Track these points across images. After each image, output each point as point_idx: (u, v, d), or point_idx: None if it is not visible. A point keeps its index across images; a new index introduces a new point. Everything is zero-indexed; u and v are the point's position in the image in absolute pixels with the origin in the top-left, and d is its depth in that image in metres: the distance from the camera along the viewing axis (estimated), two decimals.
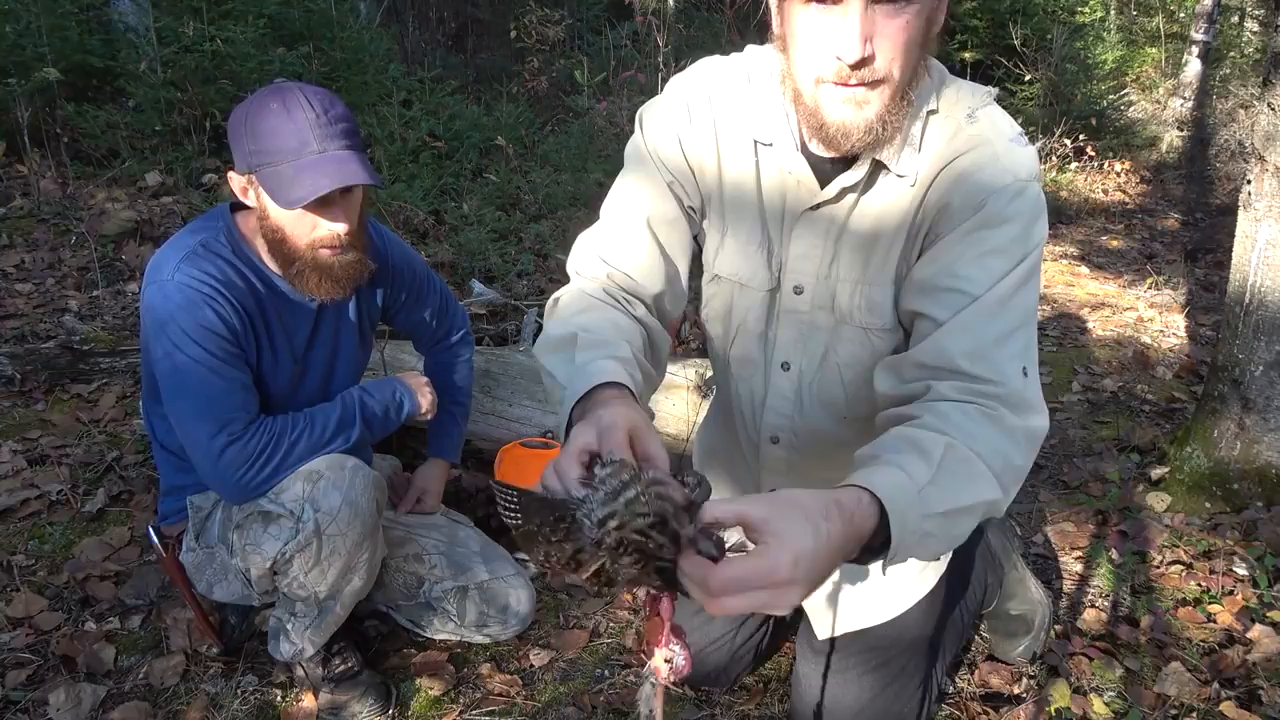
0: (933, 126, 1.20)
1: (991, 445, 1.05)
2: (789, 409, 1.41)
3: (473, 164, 5.27)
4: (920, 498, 0.94)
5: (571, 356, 1.10)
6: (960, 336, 1.13)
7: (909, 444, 1.01)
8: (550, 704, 1.86)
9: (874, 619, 1.55)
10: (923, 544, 0.95)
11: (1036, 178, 1.19)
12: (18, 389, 2.92)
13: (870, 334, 1.29)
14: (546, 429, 2.50)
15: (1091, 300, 4.50)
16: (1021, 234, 1.15)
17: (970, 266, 1.15)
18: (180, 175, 4.71)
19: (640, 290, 1.30)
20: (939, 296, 1.17)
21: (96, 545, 2.24)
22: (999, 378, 1.10)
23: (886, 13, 1.05)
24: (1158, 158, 7.61)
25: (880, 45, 1.06)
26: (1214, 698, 1.83)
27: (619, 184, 1.35)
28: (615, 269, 1.29)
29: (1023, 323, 1.16)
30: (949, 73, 1.25)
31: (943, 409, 1.07)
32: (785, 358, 1.37)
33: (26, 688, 1.84)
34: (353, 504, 1.64)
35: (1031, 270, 1.17)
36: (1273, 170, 2.31)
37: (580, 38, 7.83)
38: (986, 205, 1.15)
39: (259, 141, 1.53)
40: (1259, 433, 2.42)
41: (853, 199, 1.23)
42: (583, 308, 1.22)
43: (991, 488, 1.03)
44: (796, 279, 1.31)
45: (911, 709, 1.62)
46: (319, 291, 1.66)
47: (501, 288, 3.72)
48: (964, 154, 1.18)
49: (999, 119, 1.22)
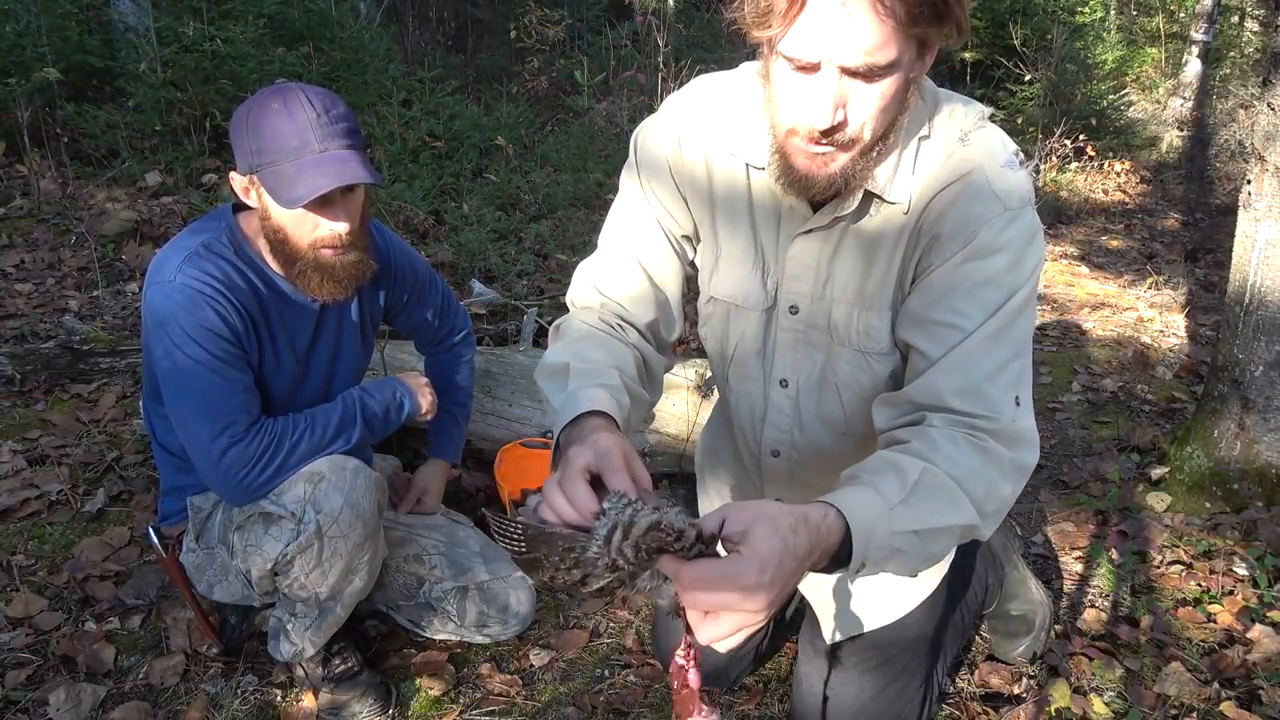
0: (925, 152, 1.20)
1: (973, 472, 1.08)
2: (788, 424, 1.42)
3: (473, 164, 5.27)
4: (890, 515, 0.99)
5: (564, 384, 1.16)
6: (952, 375, 1.15)
7: (888, 465, 1.06)
8: (550, 704, 1.86)
9: (878, 620, 1.55)
10: (894, 559, 1.01)
11: (1029, 202, 1.19)
12: (18, 389, 2.92)
13: (869, 358, 1.30)
14: (546, 429, 2.50)
15: (1091, 300, 4.50)
16: (1013, 263, 1.15)
17: (963, 300, 1.16)
18: (180, 175, 4.71)
19: (633, 318, 1.35)
20: (932, 330, 1.18)
21: (96, 545, 2.24)
22: (991, 412, 1.13)
23: (862, 81, 1.04)
24: (1158, 158, 7.61)
25: (853, 111, 1.06)
26: (1214, 698, 1.83)
27: (613, 211, 1.38)
28: (609, 299, 1.34)
29: (1017, 353, 1.17)
30: (939, 88, 1.23)
31: (932, 435, 1.11)
32: (783, 375, 1.38)
33: (26, 688, 1.84)
34: (354, 505, 1.64)
35: (1026, 300, 1.17)
36: (1273, 170, 2.31)
37: (580, 38, 7.83)
38: (977, 237, 1.15)
39: (260, 141, 1.53)
40: (1259, 433, 2.43)
41: (845, 225, 1.24)
42: (578, 336, 1.27)
43: (969, 513, 1.07)
44: (792, 299, 1.32)
45: (913, 709, 1.62)
46: (321, 292, 1.66)
47: (501, 288, 3.72)
48: (954, 182, 1.18)
49: (992, 141, 1.20)
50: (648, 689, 1.89)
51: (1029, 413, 1.18)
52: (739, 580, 0.85)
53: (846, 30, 0.99)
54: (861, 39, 0.99)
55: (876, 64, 1.01)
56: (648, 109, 5.67)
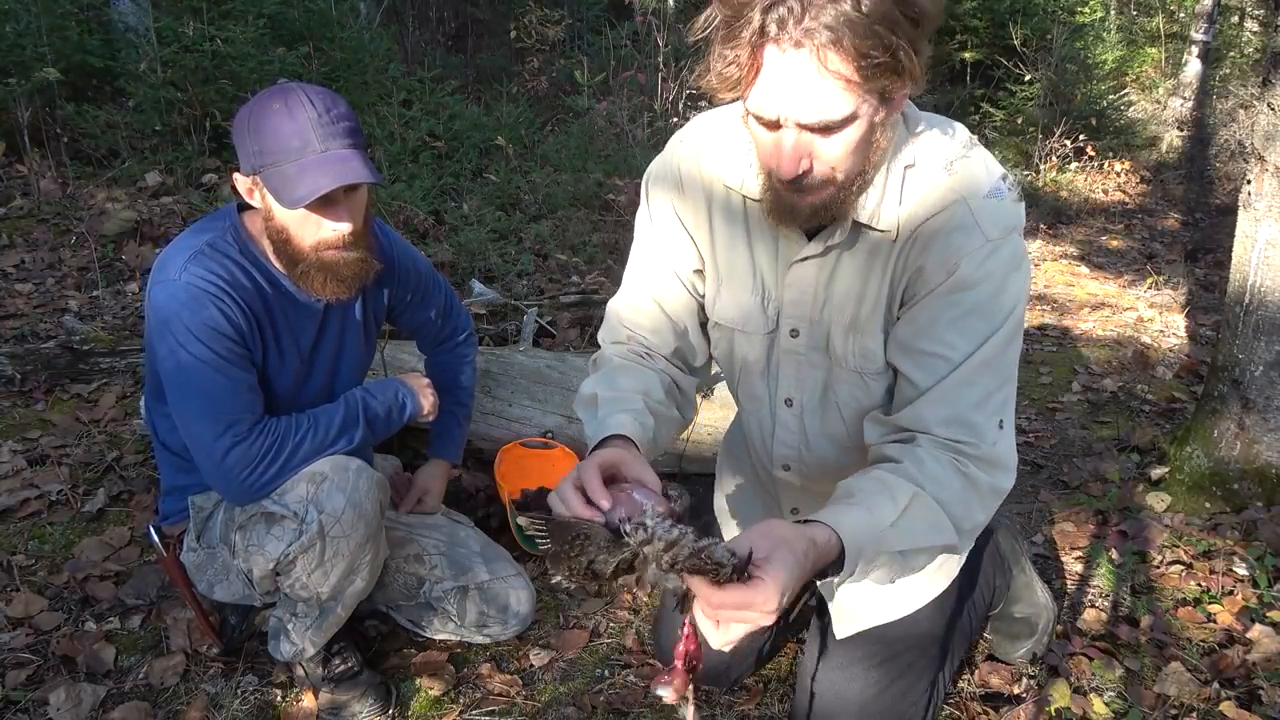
0: (911, 180, 1.24)
1: (956, 495, 1.20)
2: (795, 441, 1.49)
3: (473, 164, 5.27)
4: (880, 537, 1.13)
5: (595, 413, 1.32)
6: (939, 406, 1.24)
7: (882, 486, 1.18)
8: (550, 704, 1.86)
9: (888, 615, 1.59)
10: (878, 571, 1.17)
11: (1014, 230, 1.23)
12: (18, 389, 2.92)
13: (865, 378, 1.36)
14: (546, 429, 2.50)
15: (1091, 300, 4.51)
16: (996, 292, 1.21)
17: (948, 330, 1.23)
18: (180, 175, 4.71)
19: (657, 349, 1.48)
20: (920, 360, 1.26)
21: (96, 545, 2.24)
22: (974, 439, 1.23)
23: (820, 134, 1.10)
24: (1158, 158, 7.61)
25: (819, 159, 1.13)
26: (1214, 698, 1.83)
27: (633, 249, 1.50)
28: (633, 333, 1.48)
29: (1004, 381, 1.25)
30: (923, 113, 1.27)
31: (920, 455, 1.22)
32: (788, 394, 1.45)
33: (26, 688, 1.84)
34: (356, 506, 1.64)
35: (1013, 329, 1.24)
36: (1273, 170, 2.31)
37: (580, 38, 7.83)
38: (959, 268, 1.21)
39: (262, 142, 1.53)
40: (1259, 433, 2.43)
41: (838, 253, 1.30)
42: (610, 368, 1.42)
43: (948, 535, 1.20)
44: (792, 323, 1.38)
45: (917, 711, 1.62)
46: (325, 292, 1.66)
47: (501, 288, 3.72)
48: (938, 214, 1.22)
49: (976, 169, 1.24)
50: (648, 689, 1.89)
51: (1009, 435, 1.27)
52: (763, 606, 0.99)
53: (799, 91, 1.06)
54: (813, 100, 1.06)
55: (832, 119, 1.08)
56: (648, 109, 5.68)
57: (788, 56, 1.05)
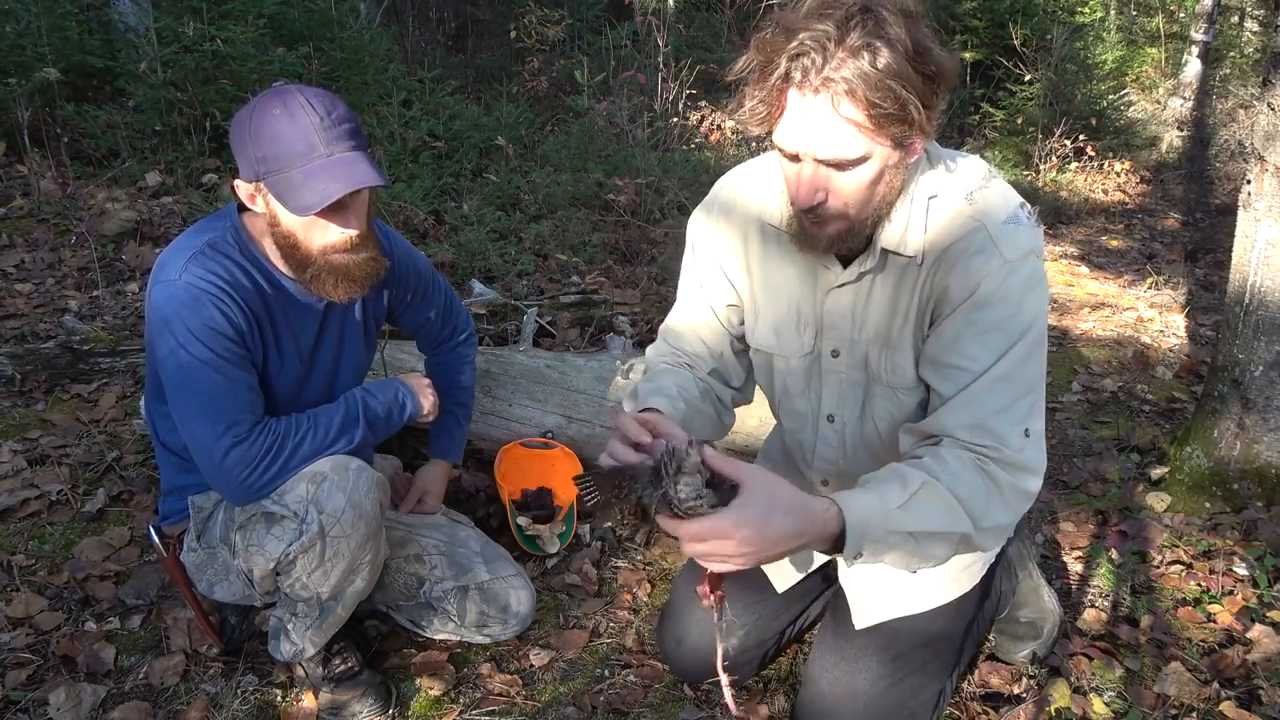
0: (935, 210, 1.35)
1: (974, 489, 1.26)
2: (835, 455, 1.59)
3: (473, 164, 5.27)
4: (886, 516, 1.20)
5: (634, 400, 1.47)
6: (961, 412, 1.32)
7: (895, 474, 1.26)
8: (550, 704, 1.86)
9: (906, 609, 1.61)
10: (891, 553, 1.22)
11: (1032, 253, 1.32)
12: (18, 389, 2.92)
13: (897, 392, 1.46)
14: (546, 429, 2.50)
15: (1091, 300, 4.51)
16: (1015, 310, 1.30)
17: (970, 344, 1.32)
18: (180, 175, 4.71)
19: (698, 365, 1.60)
20: (945, 372, 1.35)
21: (96, 545, 2.24)
22: (996, 443, 1.29)
23: (836, 170, 1.23)
24: (1158, 158, 7.62)
25: (834, 193, 1.26)
26: (1214, 698, 1.83)
27: (682, 278, 1.64)
28: (678, 350, 1.62)
29: (1028, 390, 1.32)
30: (944, 149, 1.38)
31: (941, 453, 1.29)
32: (830, 411, 1.56)
33: (26, 688, 1.84)
34: (357, 506, 1.64)
35: (1033, 343, 1.32)
36: (1273, 170, 2.31)
37: (580, 38, 7.83)
38: (980, 288, 1.30)
39: (264, 148, 1.51)
40: (1259, 433, 2.43)
41: (871, 277, 1.41)
42: (654, 371, 1.57)
43: (964, 524, 1.25)
44: (833, 344, 1.49)
45: (925, 711, 1.63)
46: (338, 294, 1.65)
47: (501, 288, 3.72)
48: (960, 239, 1.33)
49: (994, 198, 1.35)
50: (648, 689, 1.89)
51: (1039, 443, 1.33)
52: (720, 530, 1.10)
53: (816, 130, 1.20)
54: (829, 139, 1.20)
55: (846, 158, 1.21)
56: (648, 109, 5.68)
57: (807, 100, 1.18)
